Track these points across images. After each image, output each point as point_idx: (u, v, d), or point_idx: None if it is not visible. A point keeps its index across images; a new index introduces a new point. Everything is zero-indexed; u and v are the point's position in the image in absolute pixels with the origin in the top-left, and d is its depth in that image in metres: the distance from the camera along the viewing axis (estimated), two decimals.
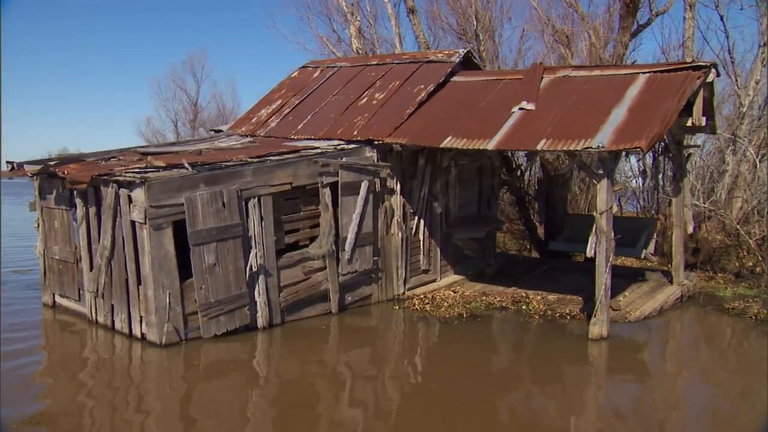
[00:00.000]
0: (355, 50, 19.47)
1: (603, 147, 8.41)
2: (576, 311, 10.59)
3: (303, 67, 14.33)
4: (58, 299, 10.51)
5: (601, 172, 8.72)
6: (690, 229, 11.81)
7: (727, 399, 7.55)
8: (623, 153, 8.72)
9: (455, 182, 12.31)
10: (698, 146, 13.32)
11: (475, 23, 14.15)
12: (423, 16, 20.26)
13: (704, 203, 13.78)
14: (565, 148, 8.73)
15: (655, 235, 12.23)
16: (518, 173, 14.64)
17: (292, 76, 14.17)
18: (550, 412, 7.08)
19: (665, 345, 10.02)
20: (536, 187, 15.21)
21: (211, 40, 65.64)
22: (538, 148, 8.92)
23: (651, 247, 12.09)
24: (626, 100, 9.20)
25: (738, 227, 12.98)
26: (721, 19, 14.31)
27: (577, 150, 8.63)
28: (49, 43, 66.01)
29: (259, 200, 9.34)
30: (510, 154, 14.43)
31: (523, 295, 11.37)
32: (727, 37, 14.39)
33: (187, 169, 8.73)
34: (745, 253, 13.63)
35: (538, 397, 7.52)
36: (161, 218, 8.39)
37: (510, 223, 15.82)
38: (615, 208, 9.15)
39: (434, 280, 12.23)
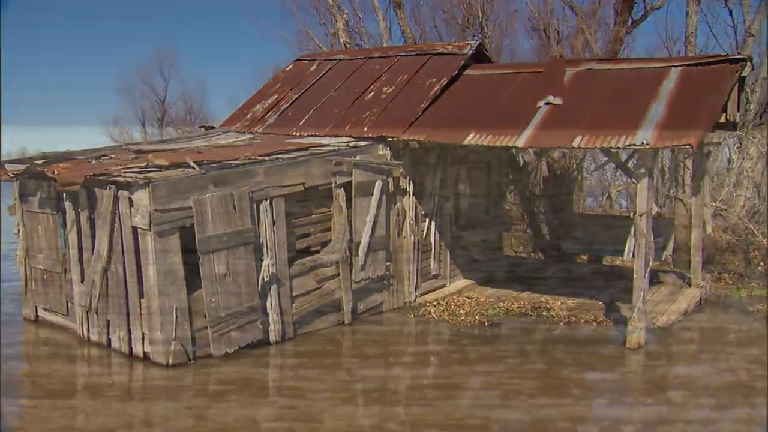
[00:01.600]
0: (342, 44, 18.72)
1: (648, 144, 7.86)
2: (601, 317, 10.03)
3: (298, 60, 13.51)
4: (41, 313, 9.47)
5: (642, 171, 8.16)
6: (709, 230, 11.43)
7: None
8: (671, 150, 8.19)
9: (465, 182, 11.70)
10: (719, 143, 13.01)
11: (480, 15, 13.58)
12: (409, 11, 19.66)
13: (713, 202, 13.45)
14: (605, 145, 8.16)
15: (673, 236, 11.81)
16: (525, 172, 14.10)
17: (287, 69, 13.33)
18: None
19: (713, 355, 9.27)
20: (542, 187, 14.69)
21: (179, 36, 63.81)
22: (575, 145, 8.32)
23: (670, 248, 11.65)
24: (663, 94, 8.68)
25: (752, 227, 12.68)
26: (730, 14, 14.03)
27: (618, 147, 8.08)
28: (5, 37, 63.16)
29: (271, 202, 8.52)
30: (514, 152, 13.88)
31: (542, 300, 10.76)
32: (735, 32, 14.11)
33: (194, 168, 7.87)
34: (756, 253, 13.37)
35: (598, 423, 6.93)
36: (167, 223, 7.50)
37: (515, 224, 15.28)
38: (655, 208, 8.66)
39: (444, 285, 11.56)
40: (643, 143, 7.90)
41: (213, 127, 12.36)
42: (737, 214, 13.56)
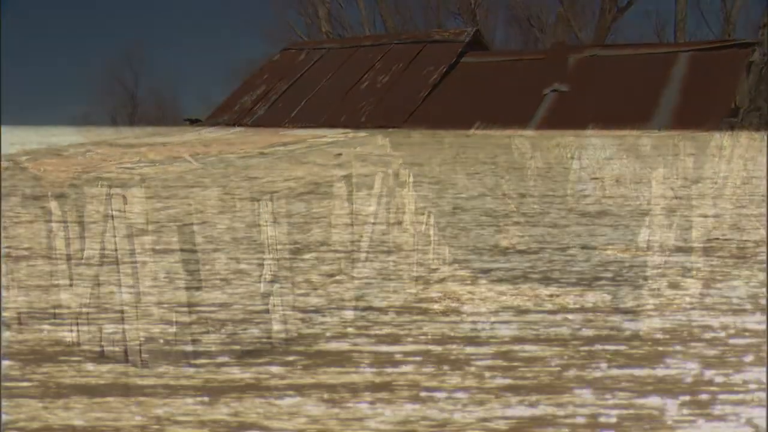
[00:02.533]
0: (324, 34, 18.40)
1: (665, 130, 7.68)
2: (608, 307, 9.93)
3: (285, 49, 13.20)
4: (24, 319, 8.96)
5: (658, 158, 7.99)
6: (709, 218, 11.37)
7: None
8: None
9: (463, 173, 11.49)
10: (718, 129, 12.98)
11: (472, 2, 13.26)
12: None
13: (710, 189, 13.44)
14: (619, 132, 7.97)
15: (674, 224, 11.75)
16: (520, 163, 13.95)
17: (274, 59, 13.04)
18: None
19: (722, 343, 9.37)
20: (536, 178, 14.52)
21: (147, 29, 62.56)
22: (588, 132, 8.12)
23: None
24: (674, 80, 8.55)
25: (746, 213, 12.68)
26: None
27: (633, 134, 7.88)
28: None
29: (271, 198, 8.16)
30: (508, 142, 13.68)
31: (544, 292, 10.63)
32: (727, 18, 14.01)
33: (191, 162, 7.46)
34: (751, 241, 13.40)
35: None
36: (164, 222, 7.10)
37: (513, 215, 15.15)
38: (671, 196, 8.51)
39: (443, 279, 11.34)
40: (659, 129, 7.72)
41: (199, 120, 11.94)
42: (731, 201, 13.59)
